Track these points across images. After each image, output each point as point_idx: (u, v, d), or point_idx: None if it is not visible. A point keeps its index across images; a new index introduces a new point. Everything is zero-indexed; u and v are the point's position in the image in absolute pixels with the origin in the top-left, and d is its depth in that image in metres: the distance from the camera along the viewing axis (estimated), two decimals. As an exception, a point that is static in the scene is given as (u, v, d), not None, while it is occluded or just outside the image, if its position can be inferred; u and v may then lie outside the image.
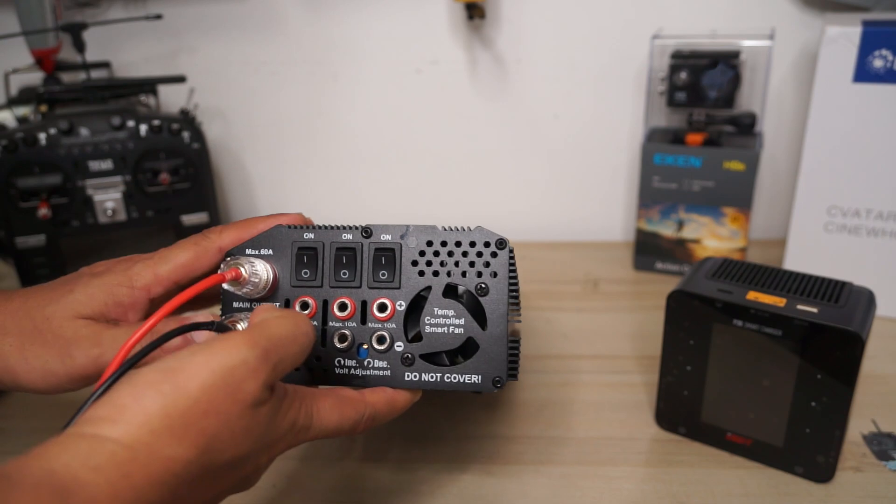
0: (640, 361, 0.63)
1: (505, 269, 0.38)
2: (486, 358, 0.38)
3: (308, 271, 0.39)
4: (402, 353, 0.38)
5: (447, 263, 0.38)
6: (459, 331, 0.38)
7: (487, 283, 0.37)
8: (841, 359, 0.43)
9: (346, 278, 0.38)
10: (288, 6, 0.84)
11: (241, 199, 0.96)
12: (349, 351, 0.39)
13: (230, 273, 0.37)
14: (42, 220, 0.69)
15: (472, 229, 0.38)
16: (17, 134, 0.67)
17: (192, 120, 0.74)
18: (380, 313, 0.38)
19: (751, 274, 0.49)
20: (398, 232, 0.39)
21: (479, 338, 0.38)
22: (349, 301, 0.38)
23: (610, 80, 0.84)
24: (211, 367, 0.28)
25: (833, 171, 0.65)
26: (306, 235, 0.40)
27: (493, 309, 0.38)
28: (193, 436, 0.27)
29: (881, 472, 0.48)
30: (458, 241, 0.38)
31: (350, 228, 0.39)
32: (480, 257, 0.38)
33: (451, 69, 0.86)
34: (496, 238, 0.38)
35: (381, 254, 0.38)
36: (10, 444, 0.54)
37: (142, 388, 0.27)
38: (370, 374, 0.39)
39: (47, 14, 0.75)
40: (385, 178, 0.93)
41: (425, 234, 0.38)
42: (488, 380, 0.38)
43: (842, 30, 0.61)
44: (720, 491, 0.47)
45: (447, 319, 0.37)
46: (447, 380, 0.38)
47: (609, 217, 0.92)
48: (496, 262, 0.38)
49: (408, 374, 0.38)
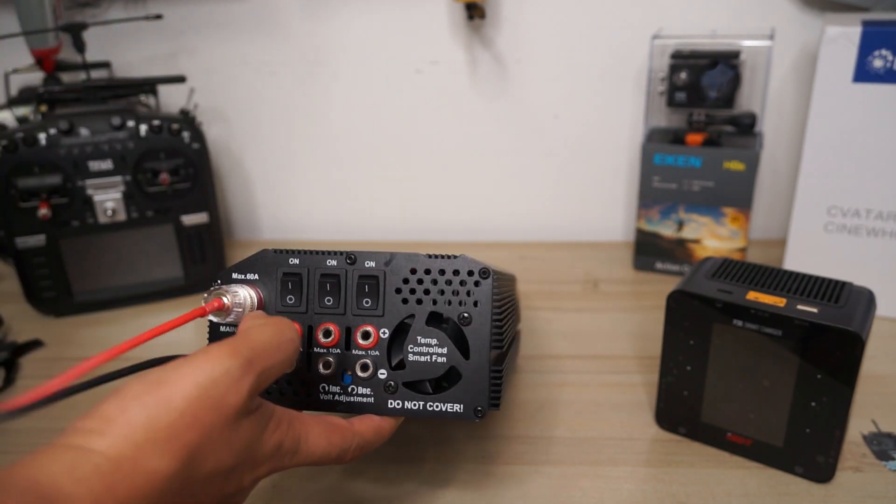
0: (640, 361, 0.63)
1: (488, 298, 0.37)
2: (468, 387, 0.38)
3: (293, 297, 0.40)
4: (385, 380, 0.38)
5: (431, 291, 0.38)
6: (442, 360, 0.38)
7: (470, 312, 0.37)
8: (841, 359, 0.43)
9: (331, 305, 0.38)
10: (288, 6, 0.84)
11: (241, 199, 0.96)
12: (333, 377, 0.39)
13: (211, 305, 0.37)
14: (42, 220, 0.69)
15: (456, 258, 0.38)
16: (17, 134, 0.67)
17: (192, 120, 0.74)
18: (363, 341, 0.38)
19: (751, 274, 0.49)
20: (382, 259, 0.39)
21: (461, 367, 0.38)
22: (333, 328, 0.39)
23: (610, 80, 0.84)
24: (195, 379, 0.28)
25: (833, 171, 0.65)
26: (291, 261, 0.40)
27: (476, 338, 0.37)
28: (177, 448, 0.27)
29: (881, 472, 0.48)
30: (441, 269, 0.38)
31: (335, 254, 0.40)
32: (464, 286, 0.38)
33: (451, 69, 0.86)
34: (479, 267, 0.38)
35: (365, 281, 0.38)
36: (10, 445, 0.54)
37: (128, 400, 0.27)
38: (354, 401, 0.39)
39: (47, 14, 0.75)
40: (385, 178, 0.93)
41: (409, 262, 0.38)
42: (470, 409, 0.38)
43: (842, 30, 0.61)
44: (720, 491, 0.47)
45: (430, 348, 0.38)
46: (430, 408, 0.38)
47: (609, 217, 0.92)
48: (479, 292, 0.37)
49: (391, 402, 0.39)
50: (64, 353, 0.67)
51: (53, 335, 0.70)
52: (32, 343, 0.68)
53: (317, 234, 0.96)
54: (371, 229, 0.95)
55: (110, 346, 0.53)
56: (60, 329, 0.72)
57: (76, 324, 0.73)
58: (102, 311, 0.75)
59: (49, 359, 0.66)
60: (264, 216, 0.97)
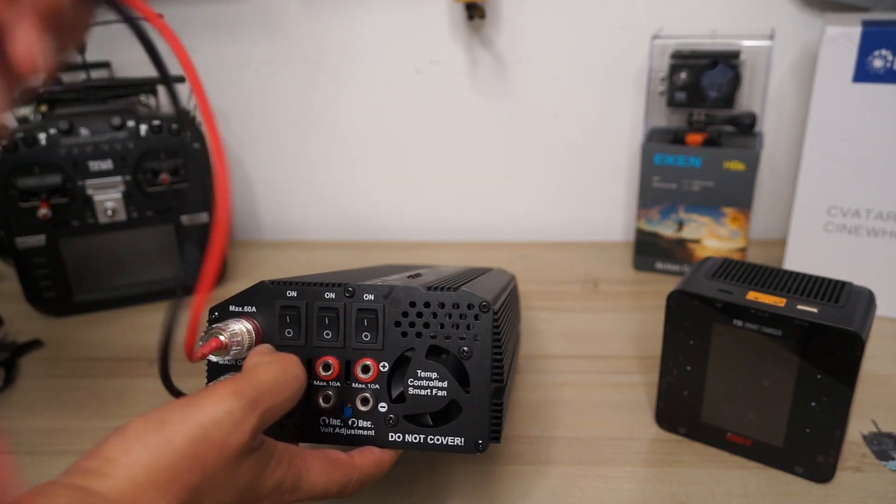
0: (640, 361, 0.63)
1: (488, 332, 0.37)
2: (468, 421, 0.37)
3: (291, 330, 0.39)
4: (385, 413, 0.38)
5: (430, 325, 0.38)
6: (442, 393, 0.37)
7: (470, 346, 0.37)
8: (841, 359, 0.43)
9: (330, 339, 0.38)
10: (288, 6, 0.84)
11: (241, 199, 0.96)
12: (334, 410, 0.39)
13: (209, 346, 0.37)
14: (42, 220, 0.69)
15: (456, 291, 0.37)
16: (17, 134, 0.67)
17: (192, 120, 0.74)
18: (363, 374, 0.38)
19: (751, 274, 0.49)
20: (381, 292, 0.38)
21: (462, 401, 0.37)
22: (333, 361, 0.38)
23: (610, 80, 0.84)
24: (197, 419, 0.28)
25: (833, 171, 0.65)
26: (289, 293, 0.39)
27: (476, 372, 0.37)
28: (177, 490, 0.27)
29: (881, 472, 0.48)
30: (441, 302, 0.37)
31: (333, 286, 0.39)
32: (464, 319, 0.37)
33: (451, 69, 0.86)
34: (480, 301, 0.37)
35: (364, 315, 0.38)
36: (11, 445, 0.54)
37: (131, 441, 0.27)
38: (355, 434, 0.39)
39: (47, 14, 0.75)
40: (385, 179, 0.93)
41: (408, 295, 0.38)
42: (471, 442, 0.38)
43: (842, 30, 0.61)
44: (720, 491, 0.47)
45: (430, 382, 0.37)
46: (430, 441, 0.38)
47: (609, 217, 0.92)
48: (479, 326, 0.37)
49: (392, 435, 0.38)
50: (64, 353, 0.67)
51: (53, 335, 0.70)
52: (32, 343, 0.68)
53: (316, 234, 0.96)
54: (371, 229, 0.95)
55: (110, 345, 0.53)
56: (60, 329, 0.72)
57: (76, 324, 0.73)
58: (102, 311, 0.75)
59: (49, 359, 0.67)
60: (264, 216, 0.97)
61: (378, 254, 0.85)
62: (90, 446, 0.51)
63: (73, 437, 0.55)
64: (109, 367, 0.64)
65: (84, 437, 0.54)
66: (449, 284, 0.40)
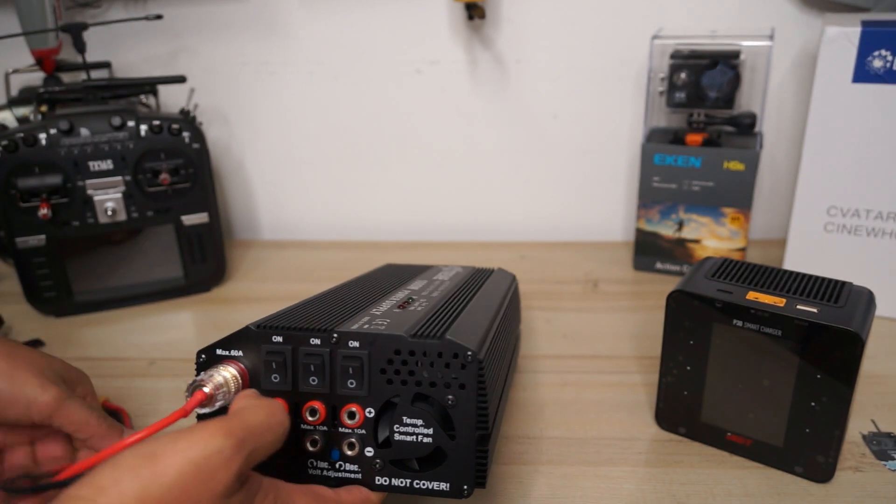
0: (640, 361, 0.63)
1: (473, 381, 0.37)
2: (453, 466, 0.38)
3: (278, 376, 0.39)
4: (372, 458, 0.39)
5: (415, 372, 0.38)
6: (428, 440, 0.38)
7: (455, 395, 0.37)
8: (841, 359, 0.43)
9: (316, 385, 0.38)
10: (288, 6, 0.85)
11: (241, 199, 0.96)
12: (321, 454, 0.39)
13: (195, 400, 0.37)
14: (42, 220, 0.69)
15: (441, 340, 0.37)
16: (17, 134, 0.67)
17: (192, 120, 0.74)
18: (349, 420, 0.38)
19: (751, 274, 0.49)
20: (366, 340, 0.38)
21: (447, 447, 0.38)
22: (319, 406, 0.39)
23: (610, 80, 0.84)
24: (187, 455, 0.29)
25: (833, 171, 0.65)
26: (275, 339, 0.39)
27: (461, 421, 0.37)
28: None
29: (881, 472, 0.48)
30: (425, 351, 0.37)
31: (318, 332, 0.39)
32: (449, 368, 0.37)
33: (451, 69, 0.86)
34: (465, 351, 0.37)
35: (349, 364, 0.38)
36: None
37: (122, 471, 0.28)
38: (342, 476, 0.39)
39: (48, 14, 0.75)
40: (385, 179, 0.93)
41: (393, 343, 0.38)
42: (456, 488, 0.38)
43: (841, 30, 0.61)
44: (720, 491, 0.47)
45: (416, 429, 0.38)
46: (416, 486, 0.38)
47: (609, 217, 0.92)
48: (464, 375, 0.37)
49: (378, 479, 0.39)
50: (64, 353, 0.67)
51: (53, 335, 0.70)
52: (33, 343, 0.68)
53: (316, 234, 0.96)
54: (371, 229, 0.95)
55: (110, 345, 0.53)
56: (60, 329, 0.72)
57: (76, 324, 0.73)
58: (102, 311, 0.75)
59: (49, 359, 0.66)
60: (264, 216, 0.97)
61: (378, 254, 0.85)
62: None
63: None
64: (109, 367, 0.64)
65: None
66: (436, 325, 0.39)
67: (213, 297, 0.79)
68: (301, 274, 0.84)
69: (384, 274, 0.59)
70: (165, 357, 0.66)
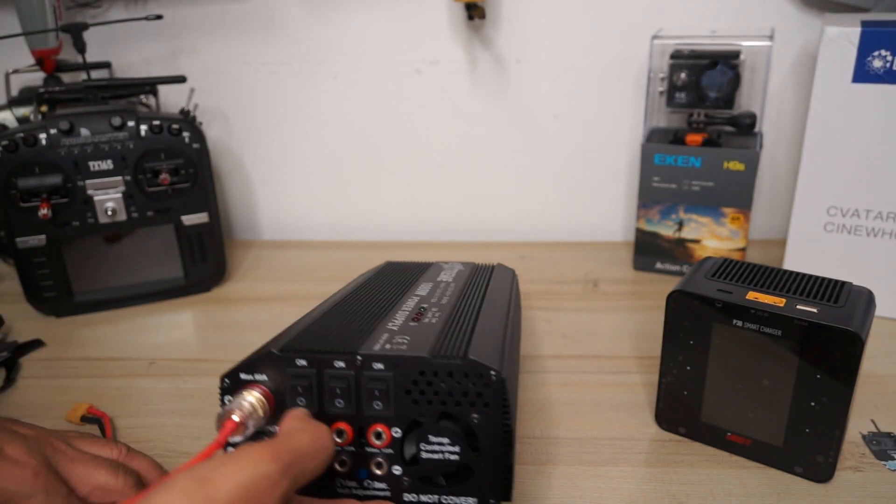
0: (640, 361, 0.63)
1: (497, 399, 0.38)
2: (480, 482, 0.39)
3: (304, 399, 0.40)
4: (399, 476, 0.39)
5: (440, 392, 0.38)
6: (454, 457, 0.38)
7: (480, 413, 0.38)
8: (840, 359, 0.43)
9: (341, 407, 0.39)
10: (288, 6, 0.85)
11: (241, 199, 0.96)
12: (349, 474, 0.40)
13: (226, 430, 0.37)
14: (42, 220, 0.69)
15: (465, 360, 0.38)
16: (17, 134, 0.67)
17: (193, 120, 0.74)
18: (376, 440, 0.39)
19: (751, 274, 0.49)
20: (391, 362, 0.38)
21: (473, 463, 0.39)
22: (346, 428, 0.39)
23: (610, 80, 0.84)
24: (237, 478, 0.29)
25: (833, 171, 0.65)
26: (299, 362, 0.39)
27: (486, 437, 0.38)
28: None
29: (880, 472, 0.48)
30: (450, 371, 0.38)
31: (342, 355, 0.39)
32: (473, 387, 0.38)
33: (451, 69, 0.86)
34: (488, 370, 0.37)
35: (374, 386, 0.38)
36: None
37: (175, 495, 0.28)
38: (371, 494, 0.40)
39: (48, 15, 0.75)
40: (385, 179, 0.93)
41: (417, 365, 0.38)
42: (483, 502, 0.39)
43: (841, 30, 0.61)
44: (720, 491, 0.47)
45: (442, 447, 0.38)
46: (444, 501, 0.39)
47: (609, 217, 0.92)
48: (489, 393, 0.38)
49: (406, 496, 0.40)
50: (64, 353, 0.67)
51: (54, 335, 0.70)
52: (33, 343, 0.68)
53: (316, 234, 0.96)
54: (371, 230, 0.95)
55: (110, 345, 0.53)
56: (61, 329, 0.72)
57: (76, 324, 0.73)
58: (102, 311, 0.75)
59: (50, 359, 0.67)
60: (264, 216, 0.97)
61: (378, 254, 0.85)
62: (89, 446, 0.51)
63: (74, 436, 0.55)
64: (109, 367, 0.64)
65: (84, 437, 0.54)
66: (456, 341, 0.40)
67: (213, 297, 0.79)
68: (301, 274, 0.84)
69: (387, 276, 0.59)
70: (165, 357, 0.66)
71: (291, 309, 0.75)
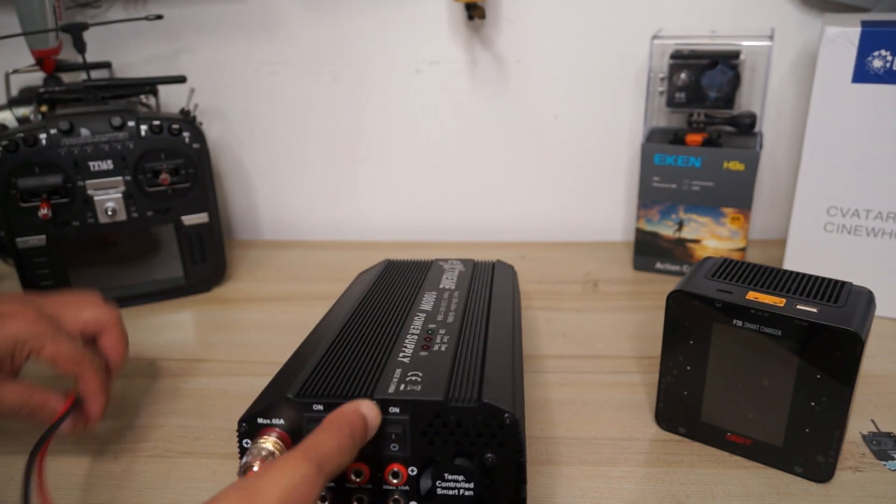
0: (640, 361, 0.63)
1: (512, 440, 0.39)
2: None
3: None
4: None
5: (455, 434, 0.39)
6: (469, 493, 0.39)
7: (495, 453, 0.39)
8: (840, 359, 0.43)
9: None
10: (288, 6, 0.85)
11: (241, 199, 0.96)
12: None
13: None
14: (42, 220, 0.69)
15: (479, 403, 0.39)
16: (17, 134, 0.67)
17: (193, 120, 0.74)
18: (393, 479, 0.40)
19: (751, 274, 0.49)
20: (407, 406, 0.39)
21: (487, 499, 0.40)
22: (364, 468, 0.40)
23: (610, 80, 0.84)
24: (280, 484, 0.32)
25: (833, 171, 0.65)
26: (315, 407, 0.40)
27: (500, 475, 0.39)
28: None
29: (880, 472, 0.48)
30: (465, 414, 0.39)
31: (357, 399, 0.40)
32: (488, 429, 0.39)
33: (451, 69, 0.86)
34: (502, 413, 0.38)
35: (392, 429, 0.39)
36: (11, 445, 0.54)
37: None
38: None
39: (48, 15, 0.75)
40: (385, 179, 0.93)
41: (432, 409, 0.39)
42: None
43: (841, 30, 0.61)
44: (720, 491, 0.47)
45: (457, 483, 0.39)
46: None
47: (609, 217, 0.92)
48: (504, 434, 0.39)
49: None
50: (64, 353, 0.67)
51: (54, 335, 0.70)
52: (33, 343, 0.68)
53: (316, 234, 0.96)
54: (371, 230, 0.95)
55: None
56: (61, 329, 0.72)
57: (76, 324, 0.73)
58: (103, 311, 0.75)
59: (49, 359, 0.66)
60: (264, 216, 0.97)
61: (378, 254, 0.85)
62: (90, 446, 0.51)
63: (73, 436, 0.55)
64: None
65: (83, 437, 0.54)
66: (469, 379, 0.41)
67: (213, 297, 0.79)
68: (301, 274, 0.84)
69: (389, 283, 0.59)
70: (165, 357, 0.66)
71: (291, 309, 0.75)
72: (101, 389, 0.49)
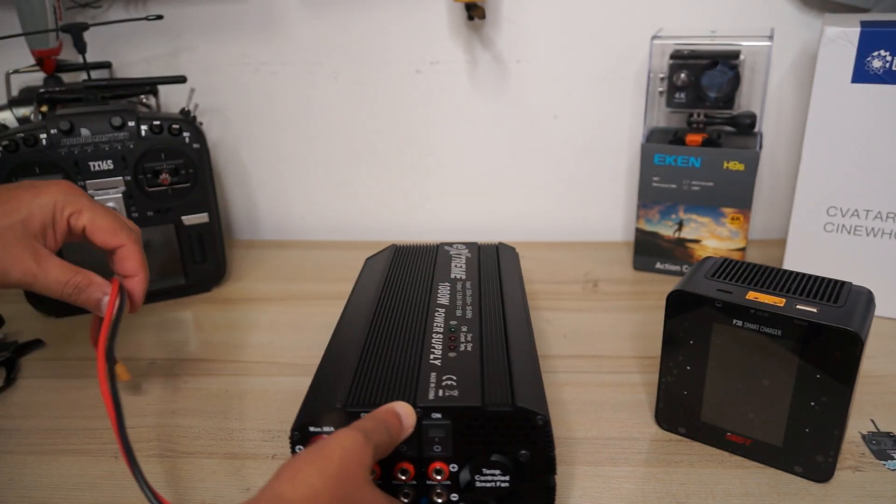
0: (640, 361, 0.63)
1: (544, 439, 0.42)
2: (527, 502, 0.44)
3: None
4: (457, 502, 0.44)
5: (493, 434, 0.42)
6: (505, 484, 0.43)
7: (528, 450, 0.42)
8: (840, 358, 0.43)
9: (405, 451, 0.43)
10: (288, 6, 0.85)
11: (241, 199, 0.96)
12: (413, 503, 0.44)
13: None
14: (42, 221, 0.69)
15: (514, 408, 0.42)
16: (17, 134, 0.67)
17: (193, 120, 0.74)
18: (436, 476, 0.43)
19: (751, 274, 0.49)
20: (448, 413, 0.42)
21: (521, 489, 0.43)
22: (409, 467, 0.43)
23: (610, 80, 0.84)
24: (341, 444, 0.37)
25: (832, 171, 0.65)
26: (363, 415, 0.42)
27: (533, 468, 0.43)
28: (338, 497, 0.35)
29: (880, 472, 0.48)
30: (500, 417, 0.42)
31: None
32: (521, 430, 0.42)
33: (451, 69, 0.86)
34: (535, 415, 0.42)
35: (435, 433, 0.43)
36: (11, 445, 0.54)
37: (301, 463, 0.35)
38: None
39: (48, 15, 0.75)
40: (385, 179, 0.93)
41: (471, 414, 0.42)
42: None
43: (841, 30, 0.61)
44: (720, 491, 0.47)
45: (494, 476, 0.43)
46: None
47: (609, 217, 0.92)
48: (536, 434, 0.42)
49: None
50: (65, 353, 0.67)
51: (54, 335, 0.70)
52: (33, 343, 0.68)
53: (316, 234, 0.96)
54: (371, 229, 0.95)
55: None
56: (61, 329, 0.72)
57: (77, 323, 0.73)
58: (103, 310, 0.75)
59: (50, 358, 0.67)
60: (264, 216, 0.97)
61: (378, 254, 0.85)
62: (90, 446, 0.51)
63: (73, 436, 0.55)
64: (110, 367, 0.64)
65: (84, 437, 0.54)
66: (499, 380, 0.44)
67: (214, 297, 0.79)
68: (301, 274, 0.84)
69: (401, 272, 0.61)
70: (165, 357, 0.66)
71: (291, 309, 0.75)
72: (143, 264, 0.50)
